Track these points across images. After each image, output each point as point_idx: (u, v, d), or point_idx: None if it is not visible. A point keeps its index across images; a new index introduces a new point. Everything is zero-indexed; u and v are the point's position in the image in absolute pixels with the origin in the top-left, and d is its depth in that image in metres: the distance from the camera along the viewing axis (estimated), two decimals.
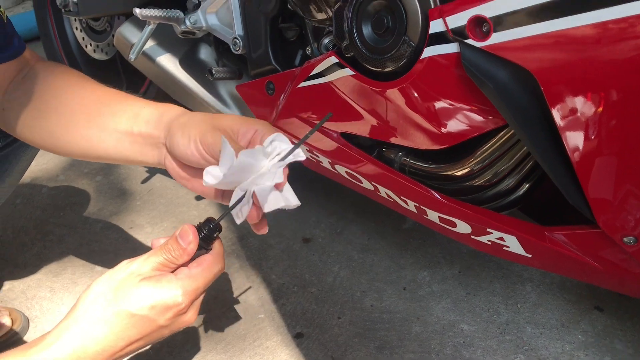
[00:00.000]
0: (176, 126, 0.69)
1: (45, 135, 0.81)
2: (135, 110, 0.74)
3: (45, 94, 0.80)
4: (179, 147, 0.67)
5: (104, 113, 0.76)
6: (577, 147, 0.63)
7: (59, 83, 0.81)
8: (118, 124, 0.74)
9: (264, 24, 0.99)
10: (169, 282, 0.63)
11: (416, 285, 1.22)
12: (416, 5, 0.70)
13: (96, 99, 0.78)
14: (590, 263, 0.74)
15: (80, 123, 0.77)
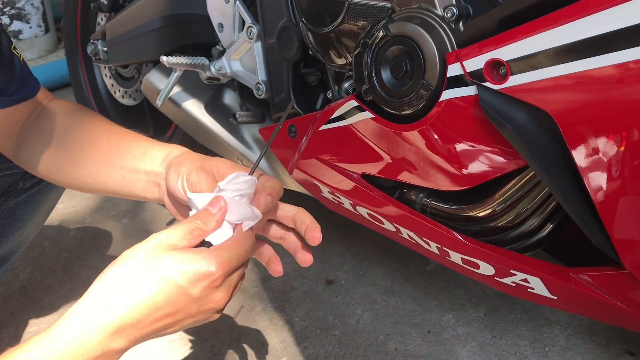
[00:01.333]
0: (172, 164, 0.72)
1: (54, 170, 0.85)
2: (142, 150, 0.78)
3: (56, 132, 0.84)
4: (170, 184, 0.71)
5: (112, 151, 0.79)
6: (599, 188, 0.62)
7: (70, 122, 0.86)
8: (125, 162, 0.78)
9: (287, 70, 1.01)
10: (200, 251, 0.58)
11: (441, 328, 1.21)
12: (434, 49, 0.72)
13: (106, 138, 0.81)
14: (618, 305, 0.73)
15: (88, 161, 0.81)
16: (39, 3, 2.81)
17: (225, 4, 1.08)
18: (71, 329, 0.55)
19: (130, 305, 0.55)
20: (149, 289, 0.56)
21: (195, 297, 0.57)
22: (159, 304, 0.56)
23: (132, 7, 1.34)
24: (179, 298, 0.57)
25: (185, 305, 0.57)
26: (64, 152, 0.84)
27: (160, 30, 1.25)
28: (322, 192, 1.04)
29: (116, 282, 0.57)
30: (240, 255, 0.61)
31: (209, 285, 0.57)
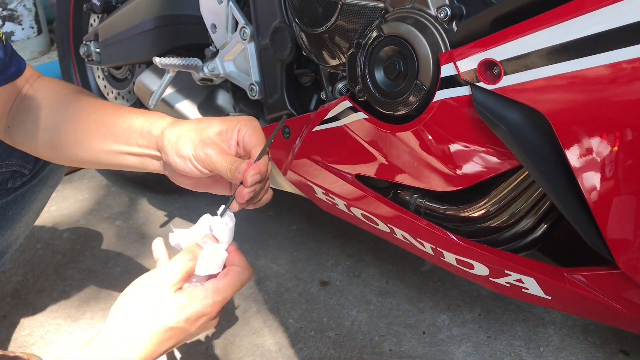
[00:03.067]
0: (167, 145, 0.74)
1: (48, 148, 0.86)
2: (128, 123, 0.79)
3: (44, 110, 0.85)
4: (178, 167, 0.73)
5: (100, 133, 0.81)
6: (593, 188, 0.62)
7: (57, 99, 0.86)
8: (114, 143, 0.79)
9: (280, 70, 1.01)
10: (199, 295, 0.66)
11: (436, 329, 1.20)
12: (427, 50, 0.71)
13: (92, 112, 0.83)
14: (612, 305, 0.73)
15: (79, 137, 0.83)
16: (32, 4, 2.80)
17: (218, 4, 1.07)
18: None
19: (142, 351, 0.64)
20: (158, 338, 0.65)
21: (196, 331, 0.67)
22: (165, 347, 0.66)
23: (125, 8, 1.33)
24: (181, 337, 0.67)
25: (185, 338, 0.68)
26: (54, 130, 0.84)
27: (153, 32, 1.25)
28: (316, 193, 1.04)
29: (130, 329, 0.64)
30: (235, 290, 0.68)
31: (206, 320, 0.67)
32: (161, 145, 0.75)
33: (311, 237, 1.54)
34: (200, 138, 0.72)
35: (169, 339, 0.66)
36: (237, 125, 0.73)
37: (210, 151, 0.71)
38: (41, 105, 0.85)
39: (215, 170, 0.71)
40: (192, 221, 1.63)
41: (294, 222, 1.61)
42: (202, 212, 0.74)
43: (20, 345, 1.23)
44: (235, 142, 0.73)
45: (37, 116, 0.85)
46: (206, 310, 0.66)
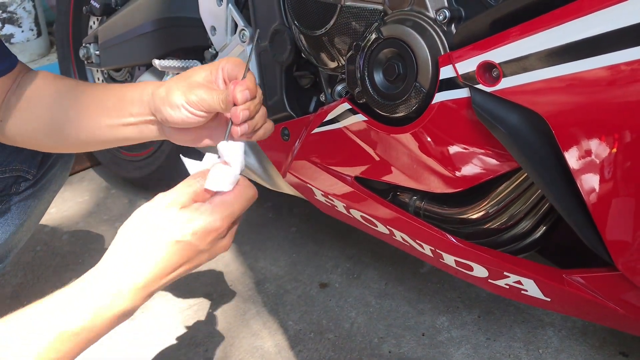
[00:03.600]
0: (159, 102, 0.74)
1: (43, 136, 0.86)
2: (118, 96, 0.80)
3: (36, 99, 0.86)
4: (173, 119, 0.73)
5: (93, 111, 0.82)
6: (592, 190, 0.62)
7: (49, 88, 0.86)
8: (108, 118, 0.80)
9: (279, 73, 1.01)
10: (207, 209, 0.65)
11: (435, 330, 1.20)
12: (426, 52, 0.72)
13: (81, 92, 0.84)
14: (612, 307, 0.73)
15: (73, 118, 0.83)
16: (31, 7, 2.80)
17: (218, 7, 1.08)
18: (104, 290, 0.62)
19: (152, 267, 0.63)
20: (166, 252, 0.63)
21: (205, 249, 0.65)
22: (175, 263, 0.64)
23: (125, 10, 1.33)
24: (192, 253, 0.65)
25: (197, 257, 0.65)
26: (49, 117, 0.85)
27: (153, 34, 1.25)
28: (316, 195, 1.04)
29: (137, 247, 0.63)
30: (242, 207, 0.67)
31: (216, 237, 0.65)
32: (154, 106, 0.76)
33: (310, 239, 1.54)
34: (188, 85, 0.73)
35: (177, 255, 0.63)
36: (219, 64, 0.73)
37: (200, 91, 0.71)
38: (33, 95, 0.86)
39: (209, 108, 0.72)
40: None
41: (294, 224, 1.61)
42: None
43: None
44: (222, 81, 0.74)
45: (31, 106, 0.85)
46: (215, 224, 0.64)
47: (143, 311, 1.30)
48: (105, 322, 0.62)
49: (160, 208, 0.64)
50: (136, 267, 0.62)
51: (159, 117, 0.76)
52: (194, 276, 1.42)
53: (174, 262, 0.64)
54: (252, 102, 0.70)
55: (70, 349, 0.60)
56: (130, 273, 0.62)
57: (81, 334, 0.60)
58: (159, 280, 0.64)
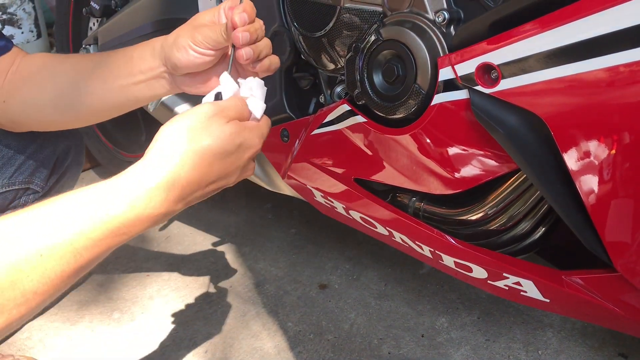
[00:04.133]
0: (167, 49, 0.76)
1: (51, 111, 0.86)
2: (126, 56, 0.81)
3: (39, 75, 0.86)
4: (181, 61, 0.74)
5: (101, 75, 0.82)
6: (591, 191, 0.63)
7: (50, 63, 0.87)
8: (117, 71, 0.81)
9: (279, 74, 1.01)
10: (249, 126, 0.66)
11: (434, 331, 1.21)
12: (425, 53, 0.72)
13: (88, 60, 0.85)
14: (611, 308, 0.73)
15: (81, 87, 0.83)
16: (31, 8, 2.80)
17: None
18: (141, 185, 0.59)
19: (193, 172, 0.61)
20: (210, 160, 0.62)
21: (241, 166, 0.66)
22: (216, 173, 0.64)
23: (124, 12, 1.34)
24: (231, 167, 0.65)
25: (233, 173, 0.66)
26: (55, 89, 0.85)
27: (153, 35, 1.24)
28: (315, 197, 1.04)
29: (180, 149, 0.61)
30: (267, 132, 0.69)
31: (252, 156, 0.67)
32: (163, 55, 0.77)
33: (310, 241, 1.54)
34: (193, 27, 0.74)
35: (219, 165, 0.63)
36: (220, 7, 0.75)
37: (204, 30, 0.73)
38: (37, 72, 0.86)
39: (214, 44, 0.73)
40: (191, 224, 1.64)
41: (293, 226, 1.61)
42: (203, 215, 0.75)
43: (19, 348, 1.23)
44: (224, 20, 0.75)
45: (35, 82, 0.86)
46: (254, 141, 0.66)
47: (143, 312, 1.30)
48: (139, 219, 0.59)
49: (208, 115, 0.63)
50: (177, 168, 0.61)
51: (169, 64, 0.77)
52: (193, 277, 1.42)
53: (214, 172, 0.64)
54: (252, 25, 0.71)
55: (100, 240, 0.57)
56: (170, 172, 0.60)
57: (114, 226, 0.58)
58: (196, 188, 0.63)
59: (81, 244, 0.56)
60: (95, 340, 1.24)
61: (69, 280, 0.57)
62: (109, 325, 1.28)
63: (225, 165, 0.64)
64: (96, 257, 0.59)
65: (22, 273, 0.53)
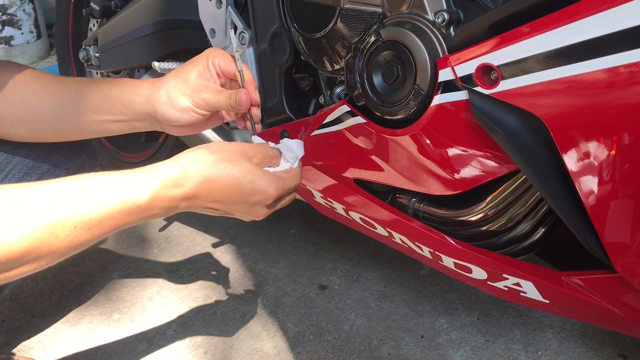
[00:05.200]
0: (162, 106, 0.80)
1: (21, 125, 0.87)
2: (104, 95, 0.83)
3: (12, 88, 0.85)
4: (180, 120, 0.80)
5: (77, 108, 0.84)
6: (590, 192, 0.63)
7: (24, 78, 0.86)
8: (95, 114, 0.84)
9: (279, 75, 1.01)
10: (270, 175, 0.72)
11: (434, 332, 1.20)
12: (425, 54, 0.72)
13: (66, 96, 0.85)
14: (610, 309, 0.73)
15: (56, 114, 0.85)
16: (31, 9, 2.80)
17: (217, 9, 1.08)
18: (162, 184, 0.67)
19: (207, 184, 0.68)
20: (223, 180, 0.69)
21: (249, 204, 0.71)
22: (224, 194, 0.70)
23: (124, 13, 1.34)
24: (238, 197, 0.70)
25: (239, 205, 0.71)
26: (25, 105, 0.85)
27: (152, 36, 1.25)
28: (315, 197, 1.04)
29: (201, 165, 0.68)
30: (291, 187, 0.74)
31: (262, 201, 0.71)
32: (153, 109, 0.81)
33: (310, 241, 1.54)
34: (190, 88, 0.79)
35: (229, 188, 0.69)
36: (207, 61, 0.80)
37: (205, 95, 0.78)
38: (6, 83, 0.86)
39: (216, 109, 0.80)
40: (191, 225, 1.64)
41: (293, 227, 1.61)
42: (202, 217, 0.76)
43: (18, 349, 1.23)
44: (215, 74, 0.80)
45: (2, 93, 0.85)
46: (268, 189, 0.70)
47: (143, 313, 1.30)
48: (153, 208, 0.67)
49: (238, 151, 0.70)
50: (193, 178, 0.68)
51: (162, 119, 0.81)
52: (193, 278, 1.42)
53: (226, 198, 0.70)
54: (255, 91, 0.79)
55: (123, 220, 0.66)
56: (186, 181, 0.67)
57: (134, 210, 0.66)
58: (204, 200, 0.69)
59: (107, 222, 0.65)
60: (95, 341, 1.24)
61: (88, 244, 0.66)
62: (109, 326, 1.28)
63: (237, 197, 0.70)
64: (114, 231, 0.67)
65: (56, 238, 0.62)
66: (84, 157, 1.02)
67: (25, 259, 0.61)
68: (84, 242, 0.65)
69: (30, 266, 0.63)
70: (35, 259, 0.62)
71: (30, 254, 0.61)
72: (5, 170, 0.92)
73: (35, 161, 0.95)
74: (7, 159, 0.92)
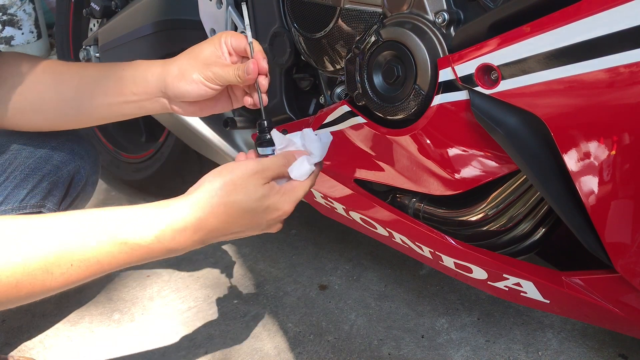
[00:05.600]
0: (173, 80, 0.81)
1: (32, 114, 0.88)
2: (117, 76, 0.84)
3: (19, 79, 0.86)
4: (190, 93, 0.80)
5: (87, 91, 0.85)
6: (591, 192, 0.63)
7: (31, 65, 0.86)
8: (106, 97, 0.84)
9: (279, 75, 1.01)
10: (283, 192, 0.71)
11: (434, 332, 1.20)
12: (425, 54, 0.72)
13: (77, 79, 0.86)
14: (611, 309, 0.73)
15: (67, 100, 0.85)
16: (31, 9, 2.80)
17: (218, 9, 1.08)
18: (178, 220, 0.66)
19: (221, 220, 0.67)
20: (237, 215, 0.68)
21: (265, 224, 0.71)
22: (240, 224, 0.69)
23: (125, 13, 1.34)
24: (254, 223, 0.70)
25: (255, 228, 0.71)
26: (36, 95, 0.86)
27: (153, 36, 1.25)
28: (315, 198, 1.04)
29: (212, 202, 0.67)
30: (304, 193, 0.73)
31: (279, 218, 0.71)
32: (164, 84, 0.81)
33: (310, 241, 1.54)
34: (201, 62, 0.80)
35: (244, 219, 0.69)
36: (220, 40, 0.80)
37: (216, 69, 0.79)
38: (13, 73, 0.86)
39: (226, 82, 0.79)
40: None
41: (293, 226, 1.61)
42: None
43: (19, 349, 1.22)
44: (227, 53, 0.81)
45: (13, 83, 0.85)
46: (284, 206, 0.70)
47: (143, 313, 1.30)
48: (161, 250, 0.65)
49: (247, 174, 0.68)
50: (207, 215, 0.66)
51: (172, 93, 0.81)
52: (193, 278, 1.42)
53: (239, 225, 0.69)
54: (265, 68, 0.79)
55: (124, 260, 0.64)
56: (199, 219, 0.66)
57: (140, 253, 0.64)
58: (219, 234, 0.69)
59: (106, 261, 0.63)
60: (95, 341, 1.24)
61: (84, 281, 0.64)
62: (109, 326, 1.28)
63: (251, 221, 0.70)
64: (114, 270, 0.65)
65: (50, 275, 0.60)
66: (86, 159, 1.02)
67: (16, 294, 0.59)
68: (80, 280, 0.63)
69: (20, 301, 0.61)
70: (28, 295, 0.60)
71: (21, 289, 0.58)
72: (7, 171, 0.92)
73: (37, 162, 0.95)
74: (9, 160, 0.92)
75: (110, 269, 0.64)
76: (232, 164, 0.70)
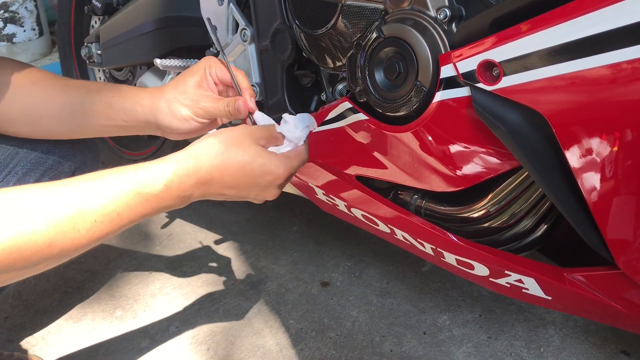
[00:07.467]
0: (163, 116, 0.84)
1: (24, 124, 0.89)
2: (104, 102, 0.86)
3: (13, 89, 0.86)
4: (181, 129, 0.85)
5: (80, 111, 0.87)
6: (593, 189, 0.62)
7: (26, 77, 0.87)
8: (98, 119, 0.87)
9: (280, 72, 1.01)
10: (277, 155, 0.77)
11: (436, 329, 1.21)
12: (427, 51, 0.72)
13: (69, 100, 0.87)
14: (613, 305, 0.73)
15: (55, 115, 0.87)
16: (33, 6, 2.80)
17: (219, 6, 1.08)
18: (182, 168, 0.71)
19: (219, 171, 0.72)
20: (234, 165, 0.73)
21: (261, 186, 0.75)
22: (236, 179, 0.74)
23: (126, 10, 1.34)
24: (250, 181, 0.74)
25: (251, 188, 0.75)
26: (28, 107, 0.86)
27: (154, 33, 1.25)
28: (317, 194, 1.04)
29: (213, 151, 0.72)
30: (299, 164, 0.80)
31: (273, 182, 0.76)
32: (155, 120, 0.85)
33: (312, 238, 1.54)
34: (189, 98, 0.83)
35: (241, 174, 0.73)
36: (204, 71, 0.84)
37: (205, 104, 0.83)
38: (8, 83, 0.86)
39: (215, 117, 0.84)
40: (193, 222, 1.64)
41: (295, 224, 1.61)
42: (204, 214, 0.77)
43: (21, 346, 1.23)
44: (213, 83, 0.85)
45: (1, 92, 0.86)
46: (278, 170, 0.75)
47: (145, 310, 1.31)
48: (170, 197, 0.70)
49: (245, 135, 0.74)
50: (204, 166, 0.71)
51: (163, 127, 0.85)
52: (196, 275, 1.42)
53: (235, 178, 0.73)
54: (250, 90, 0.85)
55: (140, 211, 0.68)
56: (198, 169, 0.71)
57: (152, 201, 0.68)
58: (218, 186, 0.73)
59: (125, 214, 0.67)
60: (98, 337, 1.24)
61: (108, 237, 0.68)
62: (111, 322, 1.28)
63: (247, 176, 0.73)
64: (132, 223, 0.70)
65: (78, 232, 0.64)
66: (86, 154, 1.03)
67: (50, 253, 0.62)
68: (104, 235, 0.67)
69: (55, 261, 0.65)
70: (60, 253, 0.63)
71: (54, 247, 0.62)
72: (9, 166, 0.92)
73: (39, 157, 0.95)
74: (11, 154, 0.93)
75: (129, 222, 0.68)
76: (230, 128, 0.74)
